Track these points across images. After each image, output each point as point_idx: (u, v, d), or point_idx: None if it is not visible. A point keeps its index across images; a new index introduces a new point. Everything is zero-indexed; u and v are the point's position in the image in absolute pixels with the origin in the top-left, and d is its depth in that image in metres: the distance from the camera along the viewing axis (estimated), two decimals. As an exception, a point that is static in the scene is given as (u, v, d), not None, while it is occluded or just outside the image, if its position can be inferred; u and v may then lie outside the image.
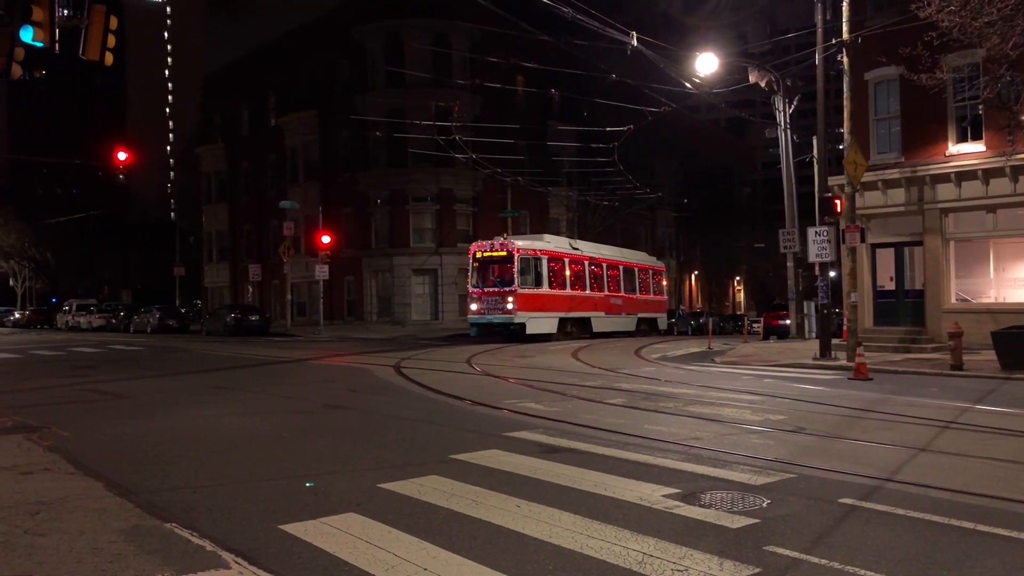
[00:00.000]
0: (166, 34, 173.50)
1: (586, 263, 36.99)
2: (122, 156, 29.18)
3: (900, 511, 6.57)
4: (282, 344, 34.26)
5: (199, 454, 9.33)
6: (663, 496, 7.06)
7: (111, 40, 15.51)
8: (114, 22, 15.55)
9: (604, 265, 38.88)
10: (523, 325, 32.02)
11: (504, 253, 32.22)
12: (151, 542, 5.90)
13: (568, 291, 35.08)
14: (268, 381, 17.97)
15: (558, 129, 52.84)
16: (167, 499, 7.18)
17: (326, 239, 43.23)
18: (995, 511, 6.55)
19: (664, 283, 48.33)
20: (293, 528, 6.19)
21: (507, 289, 31.78)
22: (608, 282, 39.13)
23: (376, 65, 48.41)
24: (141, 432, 10.91)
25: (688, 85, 24.77)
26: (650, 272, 44.70)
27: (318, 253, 44.77)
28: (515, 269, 31.78)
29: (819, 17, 21.75)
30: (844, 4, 20.80)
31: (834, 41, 21.32)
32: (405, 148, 44.99)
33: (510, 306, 31.51)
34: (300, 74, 54.37)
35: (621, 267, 40.91)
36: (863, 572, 5.17)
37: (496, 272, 32.68)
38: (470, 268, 33.58)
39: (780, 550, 5.61)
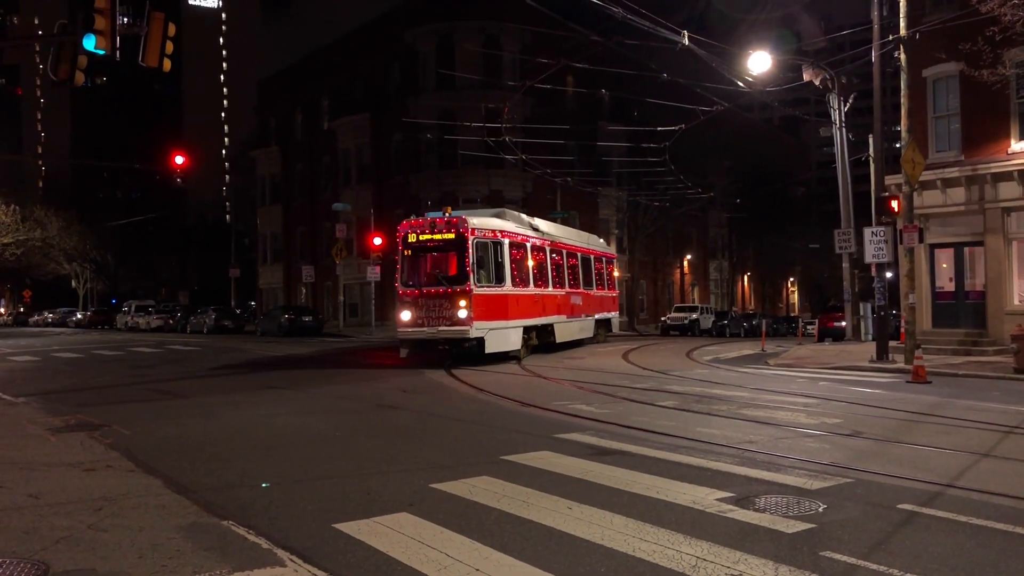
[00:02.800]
0: (221, 40, 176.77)
1: (548, 249, 26.50)
2: (179, 160, 29.81)
3: (962, 518, 6.41)
4: (335, 344, 34.66)
5: (254, 453, 9.48)
6: (717, 500, 6.99)
7: (169, 47, 15.88)
8: (172, 29, 15.91)
9: (565, 252, 28.65)
10: (481, 340, 21.06)
11: (451, 235, 21.13)
12: (209, 539, 6.02)
13: (532, 288, 24.44)
14: (321, 381, 18.19)
15: (608, 129, 52.60)
16: (224, 497, 7.32)
17: (378, 241, 43.61)
18: (1062, 519, 6.36)
19: (616, 274, 39.10)
20: (347, 527, 6.26)
21: (458, 288, 20.75)
22: (568, 274, 28.71)
23: (427, 68, 48.73)
24: (198, 431, 11.13)
25: (740, 84, 24.47)
26: (604, 261, 34.96)
27: (370, 255, 45.21)
28: (469, 259, 20.84)
29: (875, 13, 21.34)
30: (901, 0, 20.38)
31: (891, 37, 20.87)
32: (455, 150, 45.19)
33: (463, 313, 20.55)
34: (352, 78, 54.98)
35: (579, 254, 30.78)
36: (923, 580, 5.06)
37: (438, 264, 21.84)
38: (400, 257, 22.01)
39: (837, 556, 5.52)
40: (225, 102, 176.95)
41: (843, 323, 33.00)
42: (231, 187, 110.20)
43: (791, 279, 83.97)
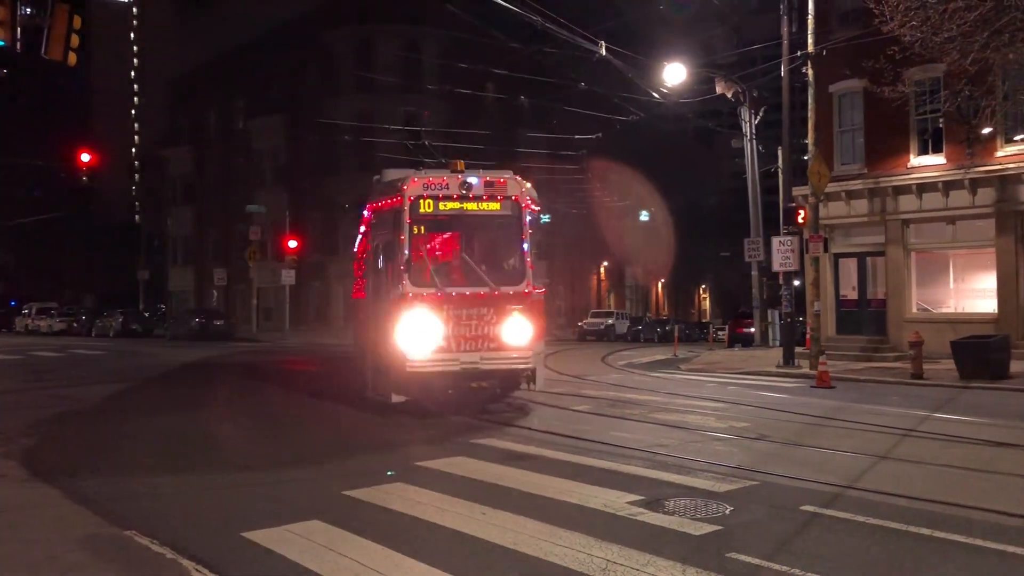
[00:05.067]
0: (132, 35, 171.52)
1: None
2: (85, 158, 28.76)
3: (860, 518, 6.66)
4: (247, 349, 33.92)
5: (160, 460, 9.21)
6: (628, 503, 7.09)
7: (75, 40, 15.31)
8: (78, 21, 15.34)
9: None
10: (533, 372, 12.87)
11: (496, 205, 12.74)
12: (109, 550, 5.82)
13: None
14: (232, 386, 17.78)
15: (527, 136, 52.95)
16: (127, 506, 7.09)
17: (293, 244, 42.91)
18: (952, 517, 6.66)
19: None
20: (256, 535, 6.14)
21: (511, 291, 12.44)
22: None
23: (345, 70, 48.24)
24: (101, 438, 10.76)
25: (656, 95, 24.97)
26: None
27: (285, 258, 44.43)
28: (527, 244, 12.80)
29: (785, 30, 22.06)
30: (809, 17, 21.11)
31: (799, 53, 21.62)
32: (373, 153, 44.84)
33: (519, 332, 12.37)
34: (269, 78, 54.01)
35: None
36: (823, 578, 5.23)
37: (474, 249, 13.84)
38: (404, 235, 12.23)
39: (742, 557, 5.66)
40: (136, 99, 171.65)
41: (752, 329, 33.91)
42: (141, 187, 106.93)
43: (703, 286, 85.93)
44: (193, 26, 66.23)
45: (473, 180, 12.37)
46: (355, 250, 17.14)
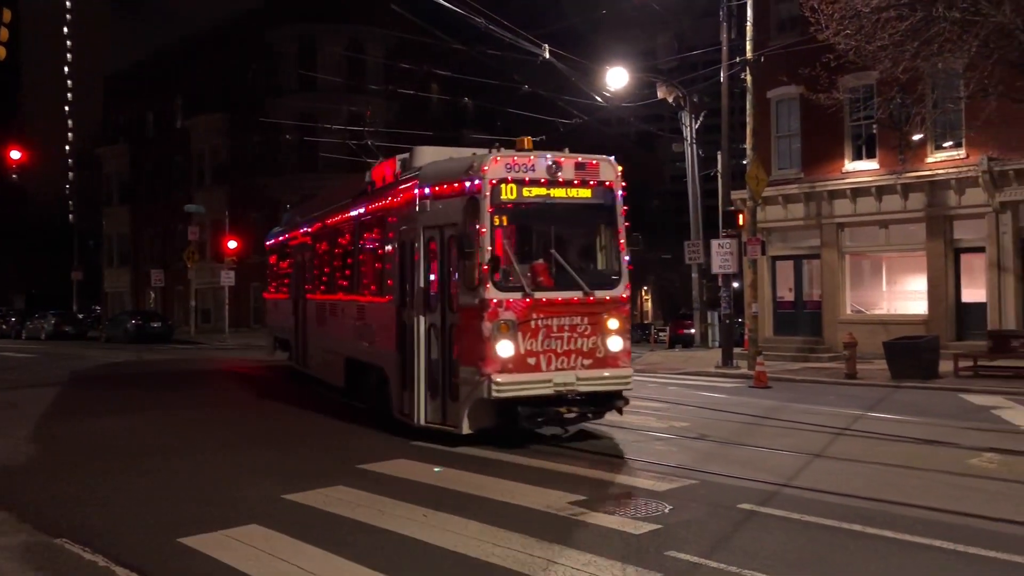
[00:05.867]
0: (66, 29, 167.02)
1: None
2: (15, 155, 27.94)
3: (795, 515, 6.81)
4: (185, 351, 33.26)
5: (95, 466, 9.00)
6: (569, 503, 7.15)
7: (4, 34, 14.89)
8: (7, 15, 14.94)
9: None
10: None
11: (587, 192, 10.60)
12: (39, 558, 5.67)
13: None
14: (169, 389, 17.44)
15: (472, 137, 52.92)
16: (59, 513, 6.91)
17: (233, 244, 42.19)
18: (883, 514, 6.85)
19: None
20: (192, 541, 6.04)
21: (607, 297, 10.39)
22: None
23: (288, 69, 47.62)
24: (32, 443, 10.46)
25: (599, 98, 25.17)
26: None
27: (224, 259, 43.69)
28: (622, 237, 10.87)
29: (724, 36, 22.40)
30: (748, 24, 21.47)
31: (738, 60, 21.98)
32: (316, 153, 44.38)
33: (616, 344, 10.36)
34: (208, 76, 53.06)
35: None
36: None
37: (563, 244, 11.15)
38: (486, 227, 9.86)
39: (681, 555, 5.75)
40: (69, 95, 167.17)
41: (692, 330, 34.33)
42: (75, 186, 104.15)
43: (645, 287, 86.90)
44: (130, 22, 64.80)
45: (562, 160, 10.37)
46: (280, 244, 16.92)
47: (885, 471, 8.63)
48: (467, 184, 10.04)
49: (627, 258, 10.74)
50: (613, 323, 10.27)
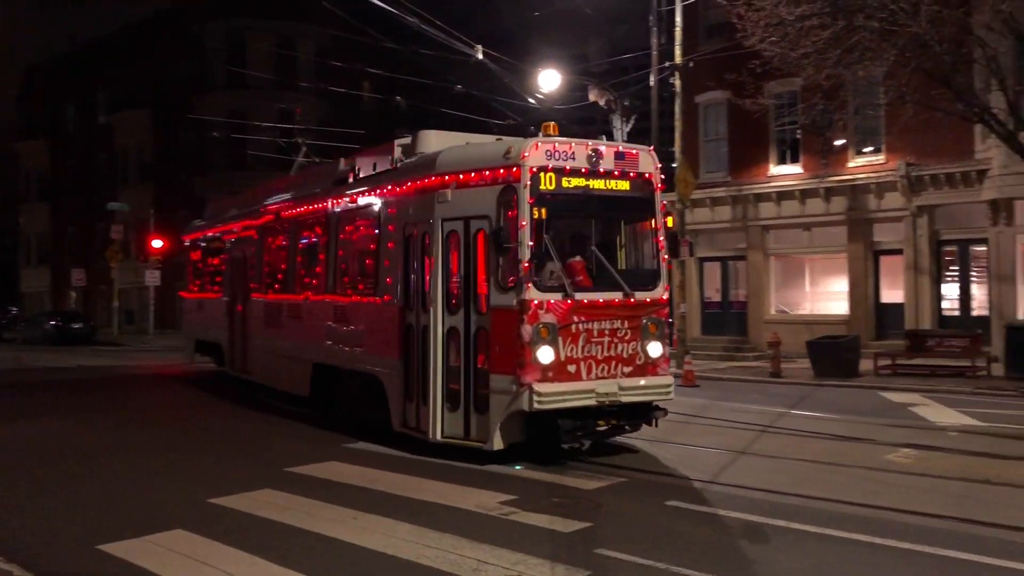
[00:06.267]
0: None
1: None
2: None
3: (721, 512, 6.97)
4: (108, 353, 32.32)
5: (11, 473, 8.70)
6: (500, 503, 7.18)
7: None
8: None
9: None
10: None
11: (626, 184, 9.73)
12: (-49, 569, 5.47)
13: None
14: (92, 393, 16.93)
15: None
16: (-29, 522, 6.67)
17: (158, 243, 41.19)
18: (805, 508, 7.06)
19: None
20: (114, 548, 5.89)
21: (647, 299, 9.59)
22: None
23: (216, 64, 46.68)
24: (-57, 450, 10.07)
25: (532, 100, 25.29)
26: None
27: (149, 258, 42.65)
28: (661, 235, 10.07)
29: (654, 41, 22.74)
30: (677, 29, 21.84)
31: (667, 65, 22.34)
32: (245, 151, 43.63)
33: (656, 350, 9.61)
34: (133, 70, 51.65)
35: None
36: (687, 572, 5.44)
37: (603, 241, 10.38)
38: (526, 221, 8.84)
39: (610, 552, 5.83)
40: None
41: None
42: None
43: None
44: (51, 13, 62.63)
45: (602, 149, 9.49)
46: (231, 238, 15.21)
47: (807, 467, 8.88)
48: (502, 171, 9.03)
49: (666, 256, 10.07)
50: (653, 327, 9.50)
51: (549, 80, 23.91)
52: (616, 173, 9.50)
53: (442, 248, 9.39)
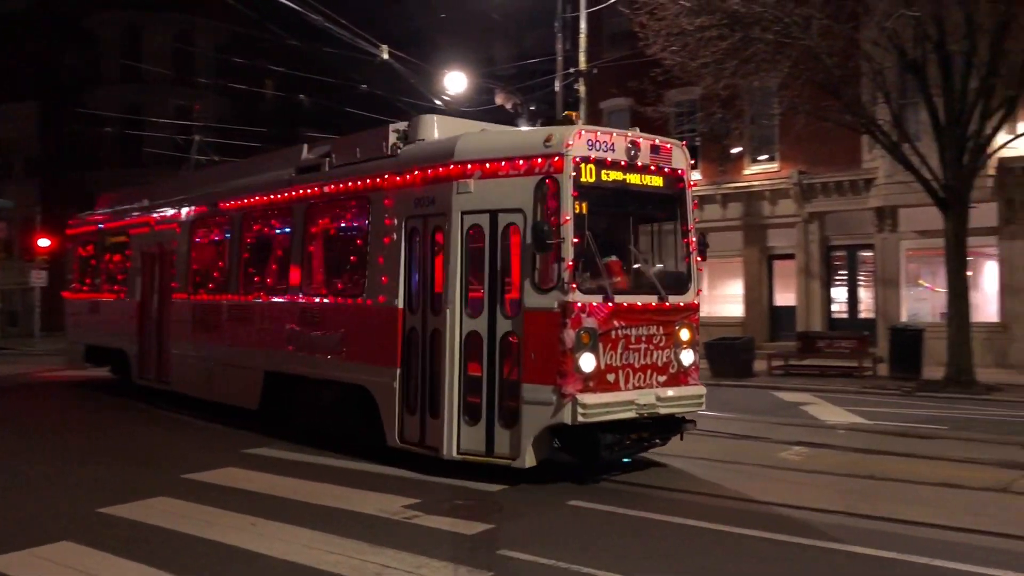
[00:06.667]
0: None
1: None
2: None
3: (621, 510, 7.10)
4: None
5: None
6: (403, 506, 7.14)
7: None
8: None
9: None
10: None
11: (660, 179, 9.04)
12: None
13: None
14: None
15: (307, 136, 51.80)
16: None
17: (45, 242, 39.38)
18: (702, 506, 7.27)
19: None
20: (-5, 562, 5.61)
21: (680, 303, 9.09)
22: None
23: (110, 58, 45.01)
24: None
25: (439, 102, 25.25)
26: None
27: (36, 258, 40.75)
28: (692, 235, 9.48)
29: (559, 47, 23.04)
30: (582, 36, 22.16)
31: (572, 71, 22.66)
32: (140, 147, 42.18)
33: (688, 357, 9.16)
34: (18, 61, 49.31)
35: None
36: (589, 570, 5.53)
37: (639, 240, 9.74)
38: (569, 216, 8.05)
39: (513, 553, 5.87)
40: None
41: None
42: None
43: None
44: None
45: (641, 141, 8.81)
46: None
47: (705, 465, 9.13)
48: (539, 160, 8.19)
49: (699, 258, 9.47)
50: (685, 333, 8.97)
51: (456, 82, 23.95)
52: (652, 168, 8.86)
53: (460, 245, 8.42)
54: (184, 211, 13.74)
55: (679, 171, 9.13)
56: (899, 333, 18.65)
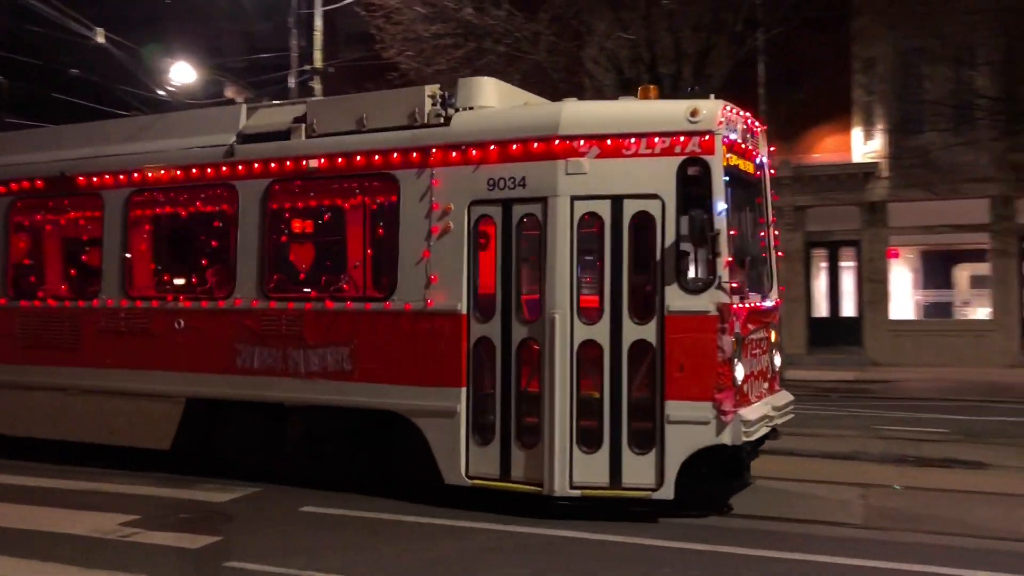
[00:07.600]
0: None
1: None
2: None
3: (354, 513, 7.09)
4: None
5: None
6: (120, 524, 6.68)
7: None
8: None
9: None
10: None
11: (751, 166, 7.95)
12: None
13: None
14: None
15: (8, 123, 46.74)
16: None
17: None
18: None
19: None
20: None
21: (772, 302, 8.36)
22: None
23: None
24: None
25: (162, 92, 23.78)
26: None
27: None
28: (772, 229, 8.68)
29: (293, 43, 22.55)
30: (317, 33, 21.80)
31: (307, 68, 22.24)
32: None
33: (777, 362, 8.49)
34: None
35: None
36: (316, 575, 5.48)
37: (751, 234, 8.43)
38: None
39: (241, 564, 5.70)
40: None
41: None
42: None
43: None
44: None
45: (751, 121, 7.81)
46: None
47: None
48: (682, 139, 6.96)
49: (780, 253, 8.62)
50: (777, 336, 8.19)
51: (182, 73, 22.68)
52: (753, 152, 7.83)
53: (573, 237, 7.08)
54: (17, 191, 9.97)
55: (764, 158, 8.24)
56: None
